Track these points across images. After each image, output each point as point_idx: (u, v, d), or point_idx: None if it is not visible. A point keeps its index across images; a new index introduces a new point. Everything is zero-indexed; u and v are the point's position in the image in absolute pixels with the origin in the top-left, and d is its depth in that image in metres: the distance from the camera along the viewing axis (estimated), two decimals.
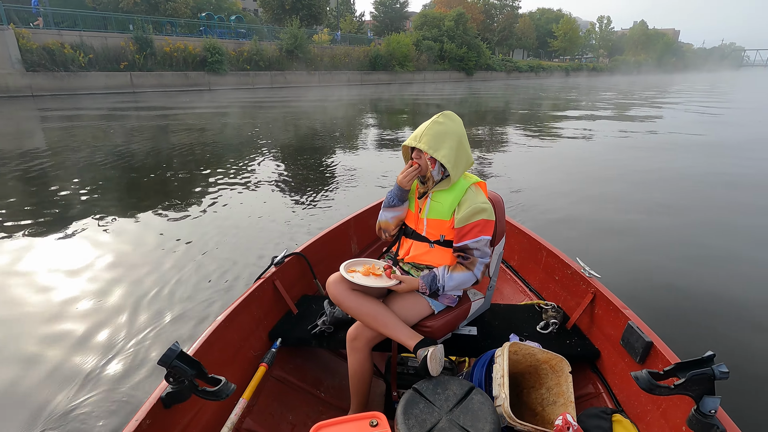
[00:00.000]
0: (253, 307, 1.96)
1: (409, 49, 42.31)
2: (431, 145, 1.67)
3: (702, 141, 9.71)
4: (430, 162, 1.71)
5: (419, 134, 1.70)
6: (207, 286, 3.26)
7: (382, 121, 13.88)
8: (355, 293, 1.74)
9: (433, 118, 1.72)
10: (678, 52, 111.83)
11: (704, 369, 1.22)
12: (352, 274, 1.75)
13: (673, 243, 4.01)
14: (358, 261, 1.86)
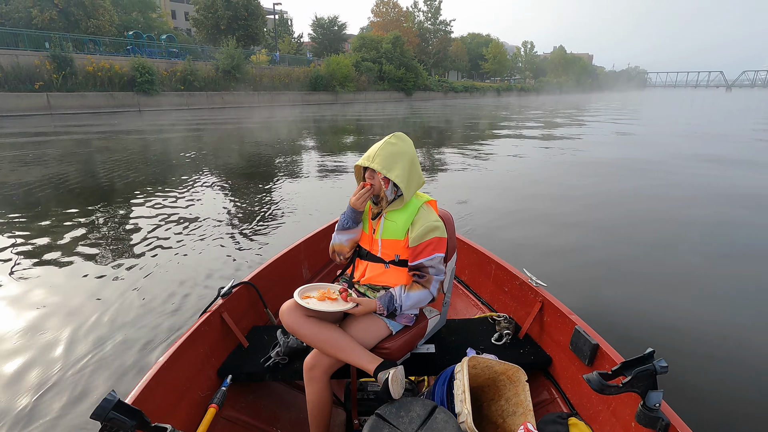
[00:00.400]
0: (199, 344, 1.82)
1: (349, 70, 43.02)
2: (384, 165, 1.68)
3: (622, 155, 10.69)
4: (383, 182, 1.72)
5: (372, 154, 1.70)
6: (146, 323, 2.99)
7: (327, 141, 13.87)
8: (310, 320, 1.68)
9: (386, 139, 1.74)
10: (593, 74, 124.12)
11: (646, 365, 1.30)
12: (306, 300, 1.69)
13: (608, 250, 4.32)
14: (312, 286, 1.80)
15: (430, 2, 70.26)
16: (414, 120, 23.33)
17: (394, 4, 65.96)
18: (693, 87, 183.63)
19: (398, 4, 66.15)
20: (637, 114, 26.96)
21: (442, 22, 71.27)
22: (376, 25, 65.45)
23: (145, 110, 26.27)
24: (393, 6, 66.02)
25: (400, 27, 63.27)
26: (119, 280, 3.66)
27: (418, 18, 70.90)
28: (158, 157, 10.02)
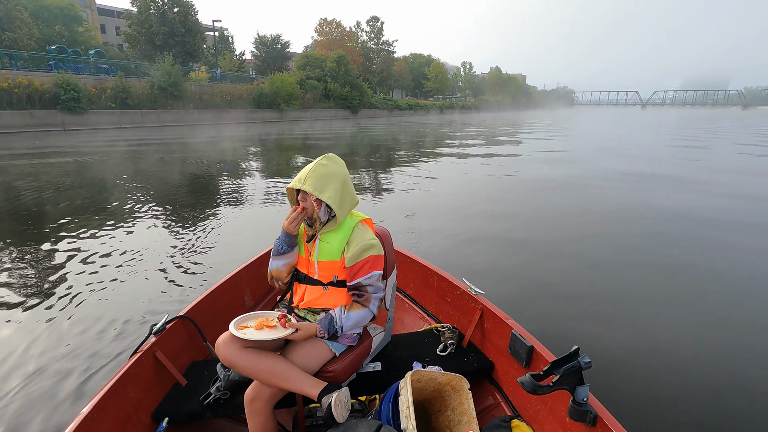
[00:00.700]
0: (130, 388, 1.69)
1: (294, 88, 42.82)
2: (316, 187, 1.68)
3: (553, 171, 11.44)
4: (316, 204, 1.72)
5: (303, 176, 1.69)
6: (70, 369, 2.68)
7: (272, 161, 13.61)
8: (247, 351, 1.62)
9: (317, 161, 1.74)
10: (527, 93, 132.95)
11: (572, 363, 1.40)
12: (243, 330, 1.63)
13: (541, 259, 4.57)
14: (249, 316, 1.74)
15: (373, 23, 72.14)
16: (362, 137, 23.57)
17: (337, 24, 66.97)
18: (614, 105, 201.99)
19: (341, 24, 67.23)
20: (567, 130, 29.12)
21: (385, 42, 73.27)
22: (320, 44, 65.93)
23: (71, 130, 24.37)
24: (336, 26, 66.98)
25: (344, 46, 64.22)
26: (36, 322, 3.32)
27: (362, 38, 72.40)
28: (86, 181, 9.30)
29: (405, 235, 5.28)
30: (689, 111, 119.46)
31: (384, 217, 6.22)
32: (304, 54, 54.98)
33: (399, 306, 2.68)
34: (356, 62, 63.25)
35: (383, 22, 71.89)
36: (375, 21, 71.89)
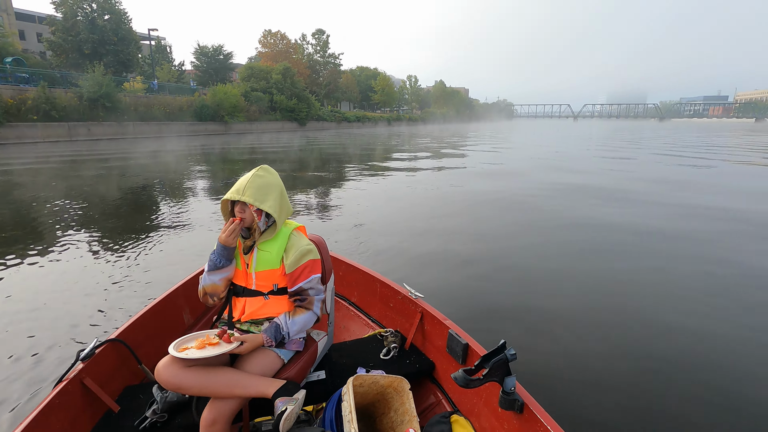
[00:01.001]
0: (55, 419, 1.58)
1: (238, 100, 41.77)
2: (257, 197, 1.70)
3: (497, 179, 12.02)
4: (256, 214, 1.74)
5: (242, 188, 1.70)
6: None
7: (215, 174, 13.15)
8: (194, 369, 1.58)
9: (254, 172, 1.76)
10: (470, 106, 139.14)
11: (500, 355, 1.51)
12: (185, 352, 1.59)
13: (477, 261, 4.78)
14: (187, 338, 1.70)
15: (318, 36, 72.31)
16: (312, 149, 23.41)
17: (282, 36, 66.45)
18: (549, 117, 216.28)
19: (286, 36, 66.81)
20: (509, 142, 30.71)
21: (331, 55, 73.62)
22: (265, 56, 64.99)
23: None
24: (281, 38, 66.43)
25: (290, 58, 63.75)
26: None
27: (307, 50, 72.28)
28: (9, 198, 8.47)
29: (353, 245, 5.32)
30: (614, 123, 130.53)
31: (334, 227, 6.24)
32: (248, 65, 53.89)
33: (344, 314, 2.72)
34: (302, 74, 62.95)
35: (329, 35, 72.31)
36: (320, 34, 72.13)
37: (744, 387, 2.53)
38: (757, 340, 3.08)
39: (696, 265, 4.65)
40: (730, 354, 2.88)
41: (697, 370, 2.69)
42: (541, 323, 3.30)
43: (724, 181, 11.27)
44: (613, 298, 3.82)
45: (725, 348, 2.96)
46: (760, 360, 2.83)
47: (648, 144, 27.63)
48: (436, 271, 4.43)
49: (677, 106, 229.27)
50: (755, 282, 4.19)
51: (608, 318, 3.42)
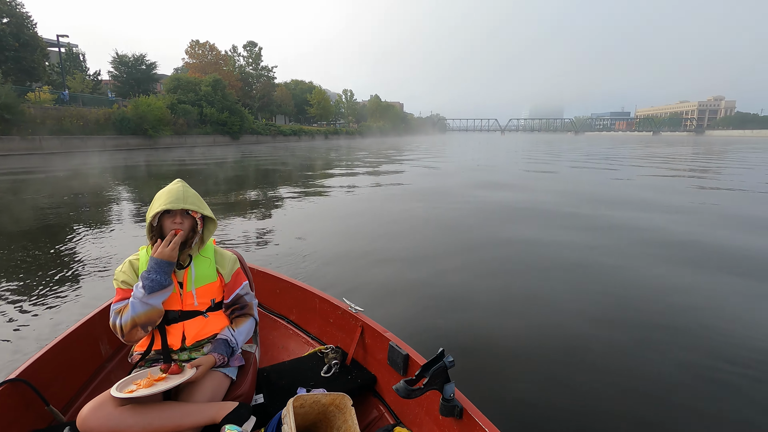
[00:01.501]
0: None
1: (164, 113, 39.39)
2: (199, 205, 1.66)
3: (429, 194, 12.40)
4: (199, 222, 1.68)
5: (182, 196, 1.62)
6: None
7: (139, 192, 12.21)
8: (128, 408, 1.42)
9: (179, 183, 1.69)
10: (405, 120, 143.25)
11: (439, 363, 1.54)
12: (131, 394, 1.42)
13: (415, 272, 4.84)
14: (125, 381, 1.53)
15: (250, 48, 70.65)
16: (248, 162, 22.60)
17: (211, 47, 64.02)
18: (479, 131, 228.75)
19: (215, 47, 64.45)
20: (442, 153, 31.94)
21: (265, 68, 72.18)
22: (193, 67, 62.13)
23: None
24: (210, 48, 63.96)
25: (220, 70, 61.51)
26: None
27: (239, 62, 70.25)
28: None
29: (292, 261, 5.19)
30: (537, 136, 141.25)
31: (273, 244, 6.03)
32: (175, 77, 51.13)
33: (283, 333, 2.62)
34: (234, 87, 61.01)
35: (261, 48, 70.94)
36: (252, 46, 70.55)
37: (666, 386, 2.80)
38: (677, 345, 3.43)
39: (618, 267, 5.11)
40: (660, 352, 3.12)
41: (629, 369, 2.89)
42: (477, 330, 3.42)
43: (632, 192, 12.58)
44: (543, 301, 4.07)
45: (656, 347, 3.19)
46: (680, 361, 3.15)
47: (570, 155, 30.17)
48: (376, 285, 4.44)
49: (589, 121, 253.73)
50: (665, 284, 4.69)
51: (539, 320, 3.63)
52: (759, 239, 6.25)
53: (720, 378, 2.74)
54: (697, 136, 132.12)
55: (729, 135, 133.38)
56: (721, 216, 8.00)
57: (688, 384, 2.68)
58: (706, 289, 4.31)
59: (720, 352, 3.05)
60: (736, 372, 2.80)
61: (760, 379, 2.72)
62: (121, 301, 1.63)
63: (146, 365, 1.67)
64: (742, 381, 2.70)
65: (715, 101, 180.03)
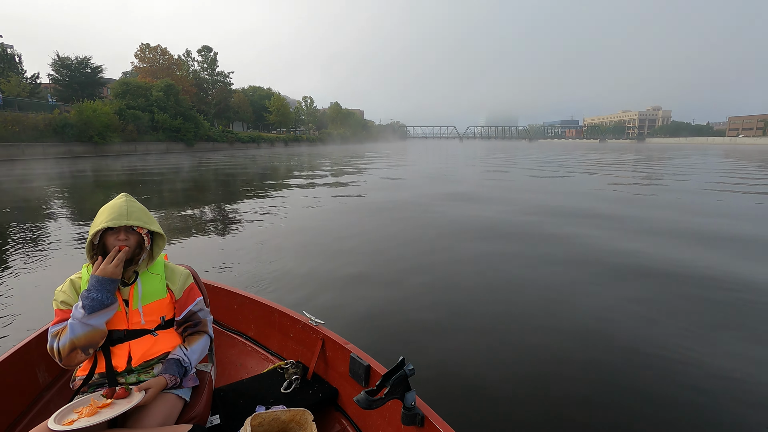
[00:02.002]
0: None
1: (111, 119, 37.37)
2: (145, 220, 1.60)
3: (391, 203, 12.50)
4: (145, 237, 1.62)
5: (125, 212, 1.55)
6: None
7: (80, 205, 11.48)
8: None
9: (124, 197, 1.62)
10: (366, 127, 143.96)
11: (399, 372, 1.54)
12: (71, 426, 1.31)
13: (375, 282, 4.82)
14: (65, 410, 1.41)
15: (205, 53, 68.66)
16: (204, 171, 21.81)
17: (164, 51, 61.61)
18: (438, 138, 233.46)
19: (168, 51, 62.08)
20: (403, 159, 32.32)
21: (221, 74, 70.34)
22: (143, 71, 59.49)
23: None
24: (162, 53, 61.51)
25: (173, 75, 59.31)
26: None
27: (193, 67, 68.05)
28: None
29: (251, 273, 5.04)
30: (494, 143, 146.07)
31: (231, 258, 5.84)
32: (123, 81, 48.73)
33: (241, 350, 2.53)
34: (188, 92, 59.01)
35: (216, 53, 69.15)
36: (207, 51, 68.65)
37: (623, 388, 2.96)
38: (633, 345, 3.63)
39: (577, 269, 5.35)
40: (614, 353, 3.27)
41: (586, 370, 3.01)
42: (436, 337, 3.46)
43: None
44: (500, 307, 4.18)
45: (610, 347, 3.33)
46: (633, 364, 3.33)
47: (528, 162, 31.39)
48: (337, 297, 4.39)
49: (542, 129, 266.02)
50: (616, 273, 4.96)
51: (498, 326, 3.71)
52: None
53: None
54: (639, 143, 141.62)
55: (666, 142, 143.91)
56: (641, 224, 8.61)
57: (643, 388, 2.84)
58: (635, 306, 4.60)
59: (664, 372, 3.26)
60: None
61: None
62: (60, 322, 1.52)
63: (90, 390, 1.56)
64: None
65: (654, 111, 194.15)
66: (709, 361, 3.04)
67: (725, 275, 4.93)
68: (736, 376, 2.85)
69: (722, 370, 2.92)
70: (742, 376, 2.85)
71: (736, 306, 4.06)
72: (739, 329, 3.58)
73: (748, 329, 3.58)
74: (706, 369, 2.94)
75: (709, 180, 16.70)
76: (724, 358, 3.09)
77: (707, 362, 3.02)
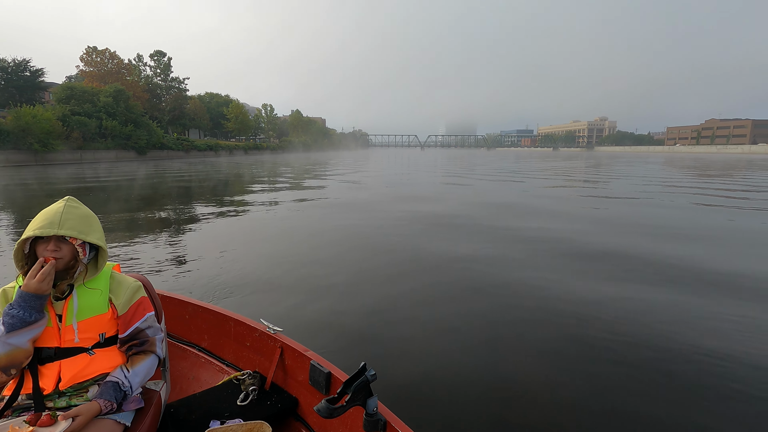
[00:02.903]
0: None
1: (54, 125, 35.04)
2: (81, 230, 1.44)
3: (352, 205, 12.46)
4: (80, 249, 1.45)
5: (57, 221, 1.40)
6: None
7: (13, 215, 10.63)
8: None
9: (66, 202, 1.48)
10: (328, 135, 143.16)
11: (361, 378, 1.50)
12: None
13: (336, 291, 4.72)
14: None
15: (158, 58, 66.08)
16: (156, 181, 20.81)
17: (112, 55, 58.67)
18: (400, 146, 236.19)
19: (117, 55, 59.18)
20: (365, 166, 32.35)
21: (175, 79, 67.89)
22: (89, 76, 56.35)
23: None
24: (111, 56, 58.56)
25: (123, 80, 56.54)
26: None
27: (145, 72, 65.26)
28: None
29: (204, 283, 4.82)
30: (454, 151, 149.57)
31: (183, 267, 5.56)
32: (68, 85, 45.90)
33: (193, 362, 2.38)
34: (140, 98, 56.46)
35: (170, 58, 66.70)
36: (161, 56, 66.09)
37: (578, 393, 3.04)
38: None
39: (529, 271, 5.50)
40: (576, 356, 3.35)
41: (540, 366, 3.09)
42: (396, 341, 3.43)
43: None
44: (459, 309, 4.22)
45: (571, 351, 3.39)
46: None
47: (480, 169, 32.30)
48: (296, 304, 4.28)
49: (499, 138, 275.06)
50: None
51: (456, 327, 3.74)
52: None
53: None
54: (588, 151, 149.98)
55: (613, 150, 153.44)
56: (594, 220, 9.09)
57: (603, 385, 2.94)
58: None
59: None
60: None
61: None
62: None
63: (14, 414, 1.41)
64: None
65: (601, 121, 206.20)
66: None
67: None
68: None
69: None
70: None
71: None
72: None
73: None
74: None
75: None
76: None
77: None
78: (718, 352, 3.21)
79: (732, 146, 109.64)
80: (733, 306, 4.17)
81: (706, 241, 7.11)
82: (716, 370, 2.96)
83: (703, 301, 4.30)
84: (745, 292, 4.58)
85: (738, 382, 2.82)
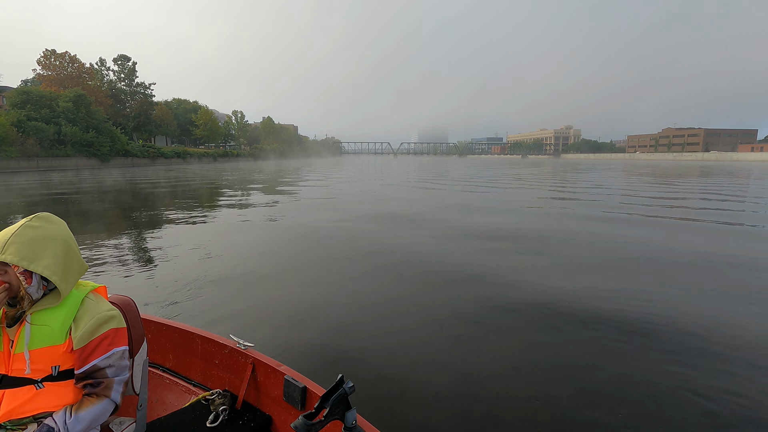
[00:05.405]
0: None
1: (7, 131, 33.19)
2: (25, 256, 1.30)
3: (326, 211, 12.34)
4: (23, 277, 1.31)
5: (3, 244, 1.28)
6: None
7: None
8: None
9: (24, 222, 1.35)
10: (301, 142, 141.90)
11: (339, 391, 1.43)
12: None
13: (308, 304, 4.55)
14: None
15: (122, 62, 63.93)
16: (122, 189, 19.95)
17: (72, 58, 56.26)
18: (373, 153, 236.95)
19: (78, 59, 56.79)
20: (340, 173, 32.20)
21: (140, 85, 65.80)
22: (47, 80, 53.80)
23: None
24: (71, 60, 56.13)
25: (84, 85, 54.31)
26: None
27: (108, 77, 62.95)
28: None
29: (158, 301, 4.61)
30: (426, 159, 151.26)
31: (147, 283, 5.30)
32: (23, 89, 43.60)
33: (157, 384, 2.23)
34: (103, 104, 54.43)
35: (135, 62, 64.66)
36: (125, 60, 63.99)
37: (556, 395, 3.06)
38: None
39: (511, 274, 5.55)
40: (557, 357, 3.41)
41: (519, 376, 3.09)
42: (373, 353, 3.35)
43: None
44: (434, 315, 4.20)
45: (551, 353, 3.45)
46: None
47: (452, 176, 32.74)
48: (268, 319, 4.12)
49: (470, 145, 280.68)
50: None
51: (431, 336, 3.70)
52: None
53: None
54: (555, 158, 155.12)
55: (578, 157, 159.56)
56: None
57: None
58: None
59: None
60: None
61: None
62: None
63: None
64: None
65: (566, 129, 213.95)
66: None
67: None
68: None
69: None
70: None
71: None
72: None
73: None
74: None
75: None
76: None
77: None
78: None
79: (687, 153, 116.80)
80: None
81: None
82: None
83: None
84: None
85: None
